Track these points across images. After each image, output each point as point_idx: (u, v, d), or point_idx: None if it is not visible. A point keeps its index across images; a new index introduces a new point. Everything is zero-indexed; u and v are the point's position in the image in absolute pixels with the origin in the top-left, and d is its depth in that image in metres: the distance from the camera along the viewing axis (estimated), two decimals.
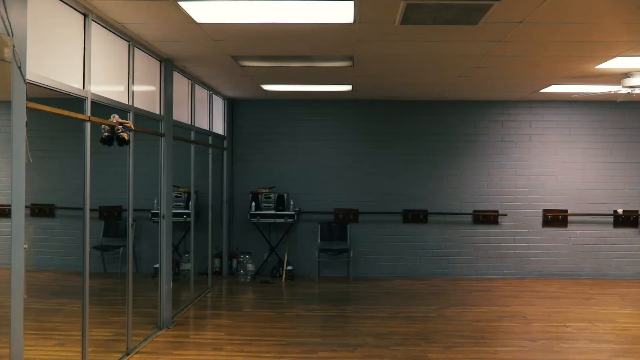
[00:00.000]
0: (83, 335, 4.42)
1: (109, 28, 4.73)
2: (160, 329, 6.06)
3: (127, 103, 5.17)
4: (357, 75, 6.94)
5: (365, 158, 9.28)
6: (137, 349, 5.39)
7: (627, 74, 6.60)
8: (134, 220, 5.34)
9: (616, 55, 5.72)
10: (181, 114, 6.82)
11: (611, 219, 9.16)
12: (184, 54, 5.92)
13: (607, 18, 4.43)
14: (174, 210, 7.61)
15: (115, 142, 4.81)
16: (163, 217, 6.12)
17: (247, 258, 8.97)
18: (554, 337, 6.03)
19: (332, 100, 9.23)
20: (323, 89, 8.11)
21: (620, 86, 6.78)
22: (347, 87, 7.91)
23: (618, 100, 8.44)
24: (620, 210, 9.15)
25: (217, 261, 9.04)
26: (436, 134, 9.24)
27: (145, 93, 5.70)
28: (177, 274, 8.46)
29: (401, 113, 9.26)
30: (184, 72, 6.84)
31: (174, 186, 7.34)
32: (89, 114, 4.36)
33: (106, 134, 4.76)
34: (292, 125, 9.34)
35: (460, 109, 9.22)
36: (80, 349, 4.46)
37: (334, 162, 9.30)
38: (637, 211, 9.12)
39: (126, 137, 4.83)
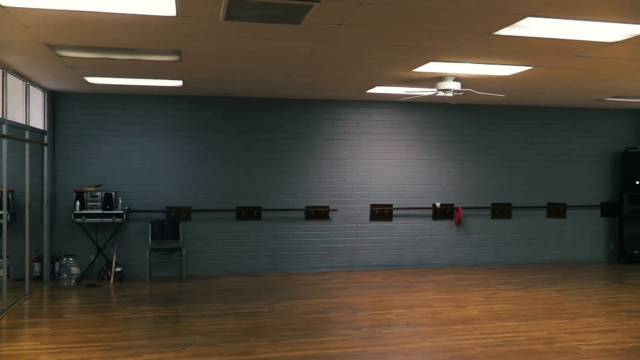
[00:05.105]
0: None
1: None
2: None
3: None
4: (187, 70, 6.81)
5: (199, 155, 9.14)
6: None
7: (440, 78, 7.17)
8: None
9: (429, 61, 6.19)
10: None
11: (430, 212, 9.91)
12: None
13: (418, 25, 4.75)
14: None
15: None
16: None
17: (71, 261, 8.43)
18: (376, 325, 6.39)
19: (164, 95, 8.97)
20: (152, 84, 7.84)
21: (436, 89, 7.34)
22: (177, 83, 7.72)
23: (452, 103, 9.15)
24: (438, 204, 9.92)
25: (36, 265, 8.40)
26: (270, 132, 9.35)
27: None
28: None
29: (236, 110, 9.24)
30: None
31: None
32: None
33: None
34: (121, 120, 8.92)
35: (293, 107, 9.42)
36: None
37: (166, 159, 9.05)
38: (452, 204, 9.95)
39: None
